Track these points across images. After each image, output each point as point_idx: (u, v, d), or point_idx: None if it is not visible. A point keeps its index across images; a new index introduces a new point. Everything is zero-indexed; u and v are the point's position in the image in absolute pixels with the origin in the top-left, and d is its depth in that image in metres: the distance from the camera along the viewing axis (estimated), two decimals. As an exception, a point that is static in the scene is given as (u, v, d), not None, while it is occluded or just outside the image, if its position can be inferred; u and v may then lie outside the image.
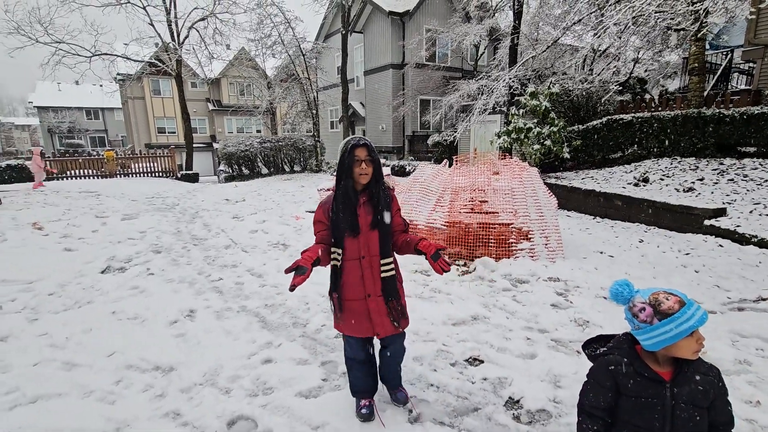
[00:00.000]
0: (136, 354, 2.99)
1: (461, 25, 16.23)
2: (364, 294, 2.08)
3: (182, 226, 7.40)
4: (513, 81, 9.91)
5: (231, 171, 19.07)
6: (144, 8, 16.51)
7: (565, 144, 9.32)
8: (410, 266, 4.81)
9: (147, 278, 4.65)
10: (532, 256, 4.73)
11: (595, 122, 9.72)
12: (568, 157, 9.26)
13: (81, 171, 16.22)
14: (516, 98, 10.51)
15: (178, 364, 2.86)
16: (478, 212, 4.87)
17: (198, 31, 18.04)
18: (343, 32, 17.63)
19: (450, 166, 5.77)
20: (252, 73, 25.98)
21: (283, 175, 18.74)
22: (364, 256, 2.07)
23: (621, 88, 9.97)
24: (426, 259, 2.06)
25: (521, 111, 10.08)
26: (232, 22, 18.53)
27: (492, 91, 9.75)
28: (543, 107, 9.23)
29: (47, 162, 13.48)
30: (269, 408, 2.41)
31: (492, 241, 4.77)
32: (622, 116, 9.30)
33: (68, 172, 15.98)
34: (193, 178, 17.38)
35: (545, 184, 5.75)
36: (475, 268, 4.63)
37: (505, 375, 2.66)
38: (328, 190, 9.85)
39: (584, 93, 10.84)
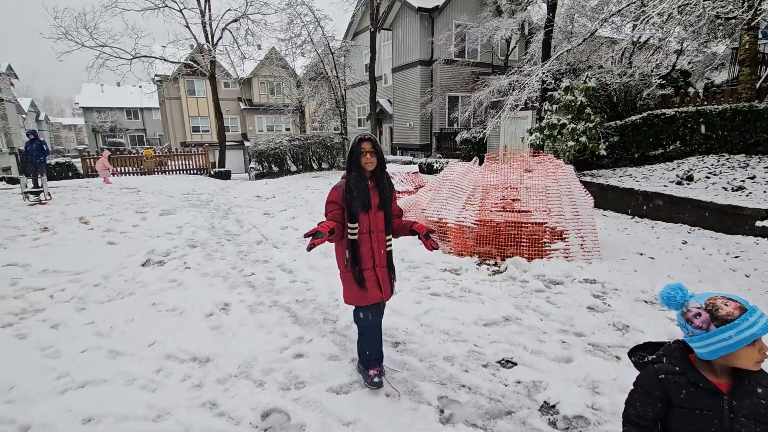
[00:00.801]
0: (175, 345, 3.11)
1: (492, 19, 15.90)
2: (373, 264, 2.46)
3: (216, 221, 7.64)
4: (546, 75, 9.60)
5: (261, 168, 19.53)
6: (180, 11, 17.12)
7: (602, 140, 8.95)
8: (440, 264, 4.76)
9: (184, 272, 4.83)
10: (567, 257, 4.58)
11: (634, 117, 9.28)
12: (605, 154, 8.89)
13: (122, 168, 17.05)
14: (549, 93, 10.18)
15: (215, 355, 2.95)
16: (510, 211, 4.75)
17: (231, 32, 18.54)
18: (372, 29, 17.64)
19: (480, 164, 5.67)
20: (282, 72, 26.47)
21: (311, 173, 19.01)
22: (373, 231, 2.43)
23: (663, 81, 9.44)
24: (419, 238, 2.49)
25: (554, 107, 9.77)
26: (264, 23, 18.94)
27: (524, 87, 9.48)
28: (578, 102, 8.89)
29: (112, 164, 14.52)
30: (301, 402, 2.44)
31: (524, 240, 4.64)
32: (663, 111, 8.84)
33: (111, 169, 16.82)
34: (226, 175, 17.90)
35: (580, 182, 5.54)
36: (506, 268, 4.53)
37: (540, 379, 2.58)
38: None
39: (623, 87, 10.37)
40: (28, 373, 2.78)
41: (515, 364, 2.78)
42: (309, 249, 2.14)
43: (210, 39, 18.00)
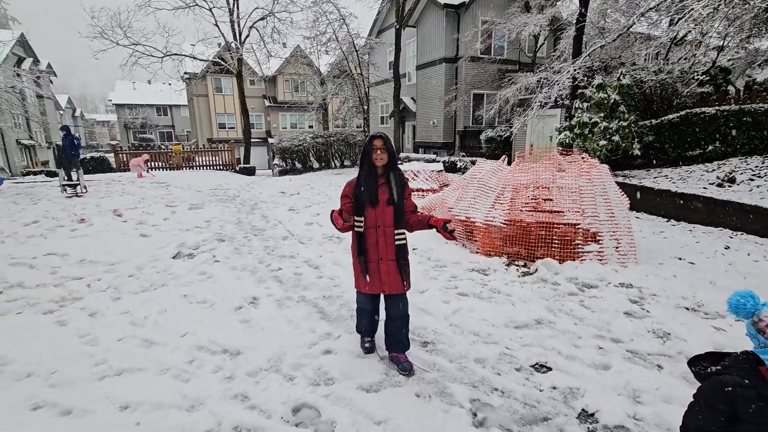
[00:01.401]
0: (206, 336, 3.16)
1: (520, 15, 15.55)
2: (377, 257, 2.57)
3: (243, 216, 7.76)
4: (578, 72, 9.31)
5: (285, 165, 19.79)
6: (210, 9, 17.49)
7: (635, 140, 8.62)
8: (467, 264, 4.68)
9: (213, 265, 4.91)
10: (601, 260, 4.42)
11: (671, 116, 8.90)
12: (639, 154, 8.55)
13: (152, 163, 17.57)
14: (580, 91, 9.88)
15: (245, 348, 2.98)
16: (541, 211, 4.62)
17: (258, 30, 18.82)
18: (397, 26, 17.56)
19: (509, 163, 5.54)
20: (306, 70, 26.72)
21: (333, 170, 19.12)
22: (379, 226, 2.54)
23: (704, 78, 8.97)
24: (437, 231, 2.48)
25: (586, 105, 9.47)
26: (290, 21, 19.14)
27: (555, 84, 9.22)
28: (611, 100, 8.59)
29: (148, 167, 15.08)
30: (331, 399, 2.43)
31: (555, 241, 4.51)
32: (703, 109, 8.44)
33: (146, 169, 17.36)
34: (250, 171, 18.21)
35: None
36: (536, 270, 4.41)
37: (577, 385, 2.49)
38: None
39: (658, 85, 9.96)
40: (68, 358, 2.88)
41: (550, 368, 2.69)
42: (345, 230, 2.47)
43: (238, 37, 18.33)
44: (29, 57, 29.23)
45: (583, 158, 4.97)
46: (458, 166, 15.11)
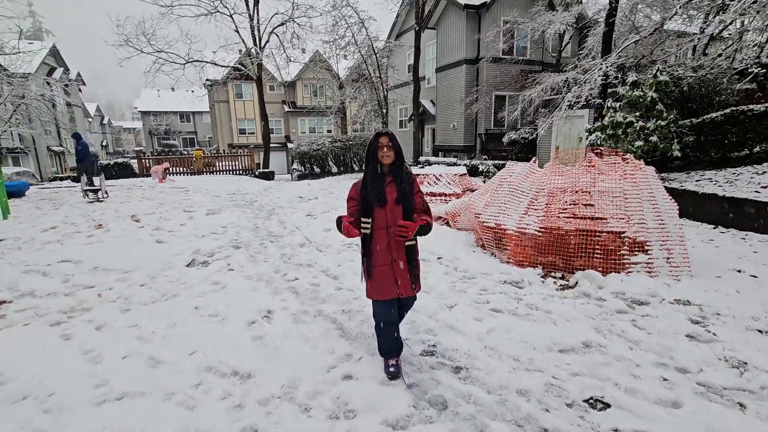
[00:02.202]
0: (216, 355, 2.89)
1: (545, 13, 15.03)
2: (391, 260, 2.46)
3: (260, 222, 7.57)
4: (610, 70, 8.78)
5: (303, 169, 19.72)
6: (230, 16, 17.64)
7: (675, 140, 8.03)
8: (498, 276, 4.29)
9: (227, 274, 4.68)
10: (650, 272, 3.96)
11: (713, 114, 8.27)
12: (679, 155, 7.96)
13: (174, 168, 17.78)
14: (612, 90, 9.33)
15: (257, 371, 2.69)
16: (581, 217, 4.20)
17: (278, 36, 18.87)
18: (417, 28, 17.28)
19: (542, 166, 5.13)
20: (325, 74, 26.73)
21: (352, 174, 18.92)
22: (390, 226, 2.41)
23: (760, 69, 8.24)
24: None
25: (618, 104, 8.93)
26: (309, 26, 19.12)
27: (586, 82, 8.72)
28: (648, 98, 8.03)
29: (167, 173, 15.25)
30: (353, 436, 2.11)
31: (598, 251, 4.07)
32: (751, 107, 7.79)
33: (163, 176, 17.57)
34: (269, 176, 18.20)
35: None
36: (576, 283, 3.99)
37: (644, 429, 2.08)
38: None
39: (697, 82, 9.31)
40: (69, 378, 2.65)
41: (608, 405, 2.29)
42: (351, 235, 2.35)
43: (258, 43, 18.41)
44: (60, 66, 30.31)
45: (626, 159, 4.52)
46: (480, 169, 14.65)
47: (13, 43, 13.17)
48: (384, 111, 21.33)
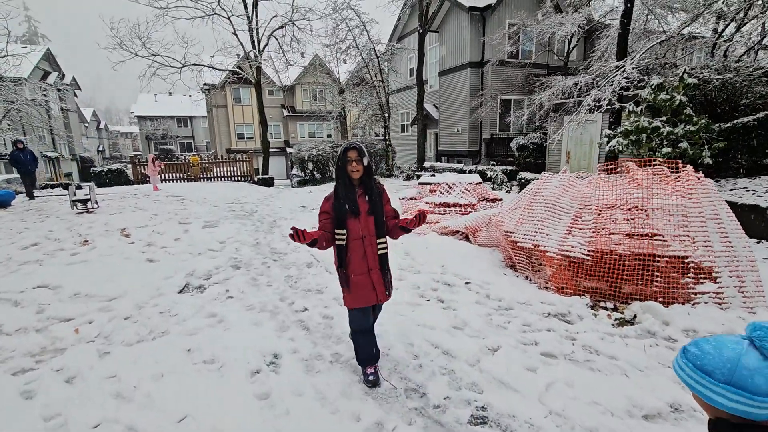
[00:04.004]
0: (211, 423, 2.30)
1: (554, 15, 14.58)
2: (367, 269, 2.53)
3: (261, 236, 6.98)
4: (634, 72, 8.27)
5: (304, 175, 19.15)
6: (228, 18, 17.12)
7: (706, 146, 7.51)
8: (539, 306, 3.72)
9: (225, 303, 4.10)
10: (720, 303, 3.40)
11: (745, 119, 7.76)
12: (711, 162, 7.43)
13: (170, 174, 17.18)
14: (634, 92, 8.82)
15: (263, 450, 2.11)
16: (637, 238, 3.63)
17: (277, 39, 18.37)
18: (420, 31, 16.84)
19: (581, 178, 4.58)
20: (325, 79, 26.25)
21: (354, 180, 18.36)
22: (365, 236, 2.50)
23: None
24: (413, 225, 2.46)
25: (640, 108, 8.43)
26: (309, 29, 18.66)
27: (609, 84, 8.20)
28: (677, 102, 7.52)
29: (159, 166, 14.58)
30: None
31: (657, 278, 3.51)
32: (787, 111, 7.28)
33: (161, 176, 16.99)
34: (269, 182, 17.62)
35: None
36: (635, 317, 3.42)
37: None
38: (411, 198, 9.01)
39: (723, 85, 8.82)
40: (21, 460, 2.06)
41: None
42: (291, 236, 2.26)
43: (256, 46, 17.90)
44: (54, 71, 29.74)
45: (681, 169, 3.97)
46: (488, 175, 14.12)
47: (1, 46, 12.60)
48: (386, 115, 20.82)
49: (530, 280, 4.30)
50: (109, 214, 8.57)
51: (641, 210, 3.72)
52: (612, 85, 8.11)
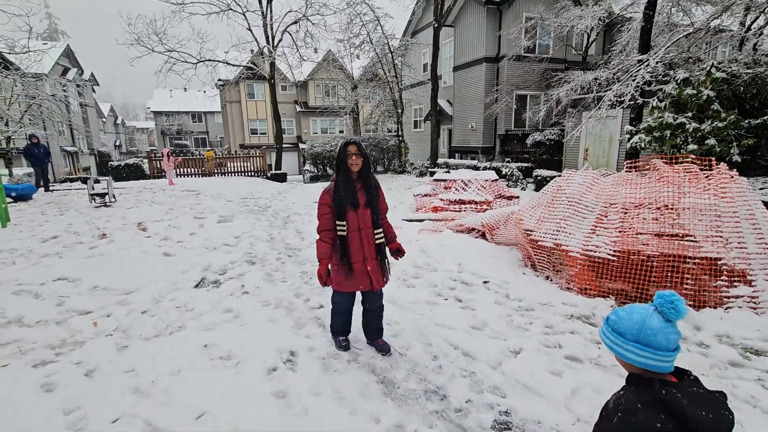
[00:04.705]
0: (229, 423, 2.27)
1: (573, 8, 14.23)
2: (363, 258, 2.69)
3: (275, 232, 6.97)
4: (659, 66, 7.99)
5: (316, 170, 19.17)
6: (243, 14, 17.16)
7: (734, 143, 7.23)
8: (561, 307, 3.60)
9: (241, 298, 4.08)
10: (755, 308, 3.24)
11: (775, 115, 7.45)
12: (739, 160, 7.16)
13: (185, 169, 17.38)
14: (658, 87, 8.55)
15: (282, 451, 2.07)
16: (666, 238, 3.49)
17: (290, 35, 18.35)
18: (435, 25, 16.63)
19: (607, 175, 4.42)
20: (338, 74, 26.20)
21: (367, 177, 18.29)
22: (362, 228, 2.65)
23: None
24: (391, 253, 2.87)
25: (663, 103, 8.16)
26: (323, 24, 18.58)
27: (632, 79, 7.95)
28: (704, 97, 7.25)
29: (175, 161, 14.77)
30: None
31: (688, 281, 3.36)
32: (822, 106, 6.96)
33: (176, 170, 17.19)
34: (282, 178, 17.68)
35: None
36: (663, 320, 3.29)
37: None
38: (426, 195, 8.90)
39: (752, 79, 8.47)
40: (42, 454, 2.06)
41: None
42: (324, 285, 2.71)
43: (270, 41, 17.92)
44: (73, 67, 30.29)
45: (713, 167, 3.79)
46: (503, 172, 13.92)
47: (23, 42, 12.83)
48: (399, 111, 20.68)
49: (551, 280, 4.18)
50: (126, 208, 8.68)
51: (671, 209, 3.56)
52: (635, 79, 7.85)
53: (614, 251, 3.55)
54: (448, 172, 10.31)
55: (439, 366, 2.77)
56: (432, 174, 15.70)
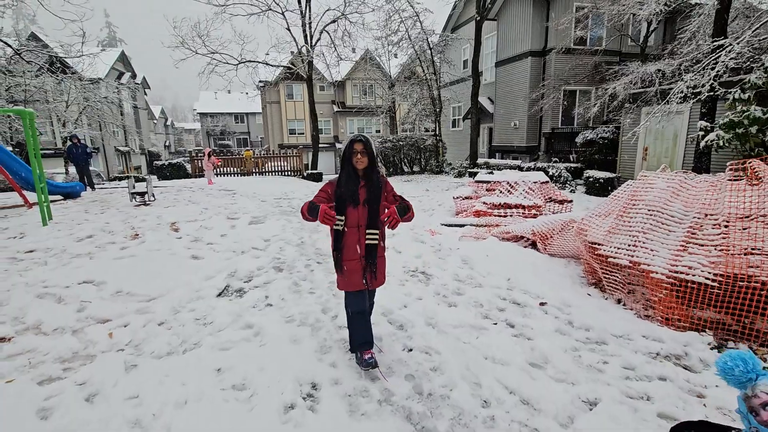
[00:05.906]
0: (233, 480, 1.85)
1: (631, -6, 12.97)
2: (359, 256, 2.67)
3: (306, 235, 6.64)
4: (745, 50, 6.90)
5: (352, 171, 18.89)
6: (282, 13, 17.19)
7: (842, 141, 6.08)
8: (642, 342, 2.93)
9: (264, 311, 3.71)
10: None
11: None
12: None
13: (225, 168, 17.70)
14: (740, 77, 7.42)
15: None
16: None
17: (329, 34, 18.20)
18: (477, 18, 15.82)
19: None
20: (375, 74, 25.88)
21: (402, 176, 17.82)
22: (361, 225, 2.65)
23: None
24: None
25: (747, 95, 7.06)
26: (361, 22, 18.29)
27: (711, 68, 6.92)
28: (803, 86, 6.15)
29: (214, 160, 15.03)
30: None
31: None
32: None
33: (215, 170, 17.53)
34: (317, 178, 17.57)
35: None
36: (785, 367, 2.54)
37: None
38: (466, 198, 8.28)
39: None
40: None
41: None
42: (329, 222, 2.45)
43: (309, 40, 17.85)
44: (127, 72, 32.00)
45: None
46: (550, 173, 12.95)
47: (77, 47, 13.44)
48: (437, 110, 20.01)
49: (623, 305, 3.49)
50: (164, 207, 8.71)
51: (792, 223, 2.79)
52: (714, 68, 6.82)
53: (715, 274, 2.83)
54: (491, 172, 9.60)
55: (492, 417, 2.22)
56: (472, 175, 14.95)
